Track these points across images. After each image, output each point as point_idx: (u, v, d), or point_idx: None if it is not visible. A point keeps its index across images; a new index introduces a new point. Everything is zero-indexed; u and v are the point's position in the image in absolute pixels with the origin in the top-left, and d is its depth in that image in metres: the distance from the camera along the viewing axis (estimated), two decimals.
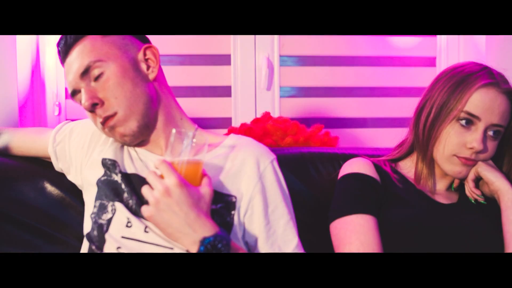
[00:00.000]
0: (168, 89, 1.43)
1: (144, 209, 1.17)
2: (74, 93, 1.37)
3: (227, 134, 2.01)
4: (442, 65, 2.41)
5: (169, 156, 1.21)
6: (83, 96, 1.33)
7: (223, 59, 2.27)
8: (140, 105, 1.33)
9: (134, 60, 1.37)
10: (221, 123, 2.30)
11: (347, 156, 1.62)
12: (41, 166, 1.56)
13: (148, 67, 1.39)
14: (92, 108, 1.32)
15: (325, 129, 2.04)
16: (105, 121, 1.33)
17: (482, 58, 2.24)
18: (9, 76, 1.95)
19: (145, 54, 1.39)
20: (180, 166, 1.19)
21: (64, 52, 1.37)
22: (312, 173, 1.65)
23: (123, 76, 1.33)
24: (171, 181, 1.15)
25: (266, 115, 2.04)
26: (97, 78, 1.33)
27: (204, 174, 1.23)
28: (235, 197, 1.30)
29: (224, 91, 2.28)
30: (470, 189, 1.49)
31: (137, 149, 1.40)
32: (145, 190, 1.17)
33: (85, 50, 1.34)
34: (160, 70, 1.42)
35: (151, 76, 1.38)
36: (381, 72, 2.43)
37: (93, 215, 1.32)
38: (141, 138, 1.37)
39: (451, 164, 1.46)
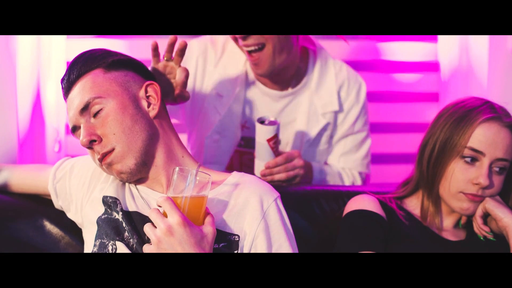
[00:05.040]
0: (170, 126, 1.42)
1: (146, 248, 1.17)
2: (75, 129, 1.37)
3: None
4: (445, 100, 2.41)
5: (172, 194, 1.19)
6: (81, 132, 1.32)
7: None
8: (138, 142, 1.32)
9: (135, 97, 1.36)
10: None
11: (351, 193, 1.60)
12: (41, 204, 1.54)
13: (149, 104, 1.38)
14: (90, 144, 1.32)
15: None
16: (102, 157, 1.32)
17: (484, 92, 2.24)
18: (9, 113, 1.94)
19: (146, 91, 1.38)
20: (184, 203, 1.17)
21: (66, 88, 1.37)
22: (316, 211, 1.63)
23: (123, 112, 1.32)
24: (174, 219, 1.14)
25: None
26: (96, 114, 1.32)
27: (207, 212, 1.22)
28: (238, 236, 1.28)
29: None
30: (478, 226, 1.47)
31: (138, 186, 1.38)
32: (147, 229, 1.17)
33: (86, 86, 1.34)
34: (161, 107, 1.41)
35: (152, 113, 1.37)
36: (384, 108, 2.43)
37: None
38: (138, 175, 1.36)
39: (458, 201, 1.45)
